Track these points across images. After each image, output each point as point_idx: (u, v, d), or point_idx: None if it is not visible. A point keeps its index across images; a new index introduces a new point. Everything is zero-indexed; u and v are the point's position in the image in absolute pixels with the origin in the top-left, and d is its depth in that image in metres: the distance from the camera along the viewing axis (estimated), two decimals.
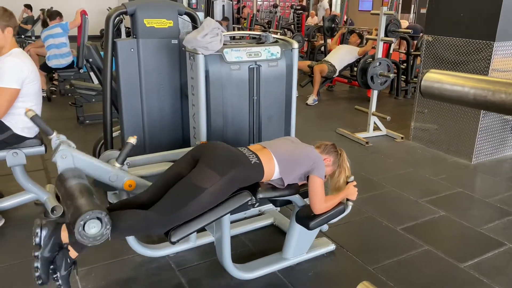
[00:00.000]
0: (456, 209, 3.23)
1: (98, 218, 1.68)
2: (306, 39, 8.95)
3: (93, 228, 1.68)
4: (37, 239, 1.82)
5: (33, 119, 2.10)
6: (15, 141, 2.74)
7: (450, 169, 4.06)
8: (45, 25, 7.82)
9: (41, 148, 2.87)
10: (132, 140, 2.16)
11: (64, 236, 1.87)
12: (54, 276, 1.89)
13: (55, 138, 2.09)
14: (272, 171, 2.18)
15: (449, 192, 3.55)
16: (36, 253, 1.82)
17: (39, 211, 3.00)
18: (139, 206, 2.02)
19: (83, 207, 1.69)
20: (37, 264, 1.81)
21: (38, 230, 1.83)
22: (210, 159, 2.03)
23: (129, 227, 1.92)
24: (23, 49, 8.72)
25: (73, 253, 1.92)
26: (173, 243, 1.95)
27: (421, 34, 7.27)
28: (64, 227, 1.88)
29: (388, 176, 3.84)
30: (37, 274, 1.81)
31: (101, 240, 1.72)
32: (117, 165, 2.16)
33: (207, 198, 1.95)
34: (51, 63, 6.08)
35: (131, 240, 2.36)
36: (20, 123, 2.73)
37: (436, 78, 1.13)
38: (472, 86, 1.00)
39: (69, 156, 2.02)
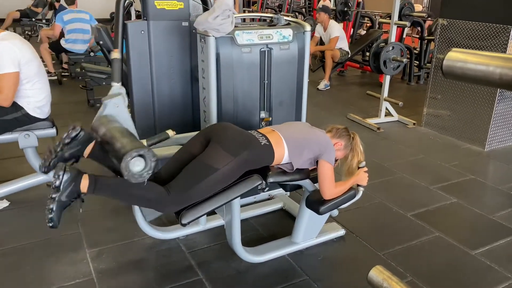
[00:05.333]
0: (468, 196, 3.20)
1: (142, 156, 1.71)
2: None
3: (138, 166, 1.72)
4: (58, 182, 1.76)
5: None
6: (27, 120, 2.76)
7: (462, 155, 4.01)
8: (51, 8, 7.83)
9: (52, 130, 2.89)
10: (171, 133, 2.22)
11: (84, 185, 1.81)
12: (53, 196, 1.77)
13: (118, 86, 2.13)
14: (282, 154, 2.16)
15: (461, 179, 3.51)
16: (54, 195, 1.76)
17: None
18: None
19: (129, 145, 1.72)
20: (53, 206, 1.76)
21: (61, 173, 1.77)
22: (223, 139, 2.03)
23: (144, 197, 1.93)
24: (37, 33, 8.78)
25: (84, 185, 1.80)
26: (184, 225, 1.97)
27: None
28: (85, 176, 1.82)
29: (399, 162, 3.80)
30: (50, 216, 1.77)
31: (150, 173, 1.75)
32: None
33: (219, 178, 1.97)
34: (73, 47, 6.10)
35: (142, 222, 2.38)
36: (32, 104, 2.74)
37: (459, 57, 1.09)
38: (498, 65, 0.97)
39: (120, 108, 2.07)
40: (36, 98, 2.75)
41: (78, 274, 2.26)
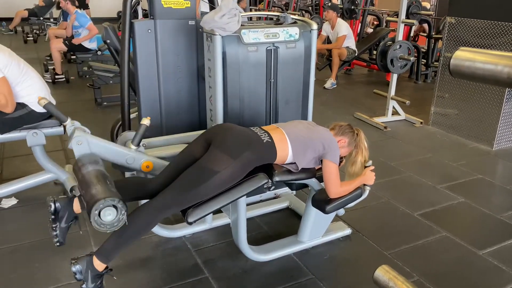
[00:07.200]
0: (476, 196, 3.18)
1: (114, 206, 1.70)
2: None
3: (109, 215, 1.70)
4: (78, 276, 1.88)
5: (46, 107, 2.11)
6: (33, 117, 2.77)
7: (470, 155, 3.98)
8: (60, 7, 7.90)
9: (60, 129, 2.91)
10: (146, 121, 2.17)
11: (98, 265, 1.90)
12: (54, 225, 1.95)
13: (70, 124, 2.10)
14: (286, 152, 2.14)
15: (469, 179, 3.48)
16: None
17: (58, 190, 3.05)
18: (151, 190, 2.05)
19: (98, 195, 1.70)
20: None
21: (74, 269, 1.87)
22: (223, 142, 2.02)
23: (146, 223, 1.93)
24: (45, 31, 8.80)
25: (98, 265, 1.89)
26: (190, 223, 1.97)
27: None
28: (95, 258, 1.90)
29: (406, 162, 3.78)
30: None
31: (118, 225, 1.74)
32: (133, 147, 2.17)
33: (221, 180, 1.96)
34: (94, 45, 6.21)
35: None
36: (31, 100, 2.74)
37: (467, 57, 1.07)
38: (506, 64, 0.95)
39: (84, 142, 2.04)
40: (32, 95, 2.74)
41: None
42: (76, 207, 1.99)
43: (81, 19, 6.15)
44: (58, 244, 1.98)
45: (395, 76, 4.91)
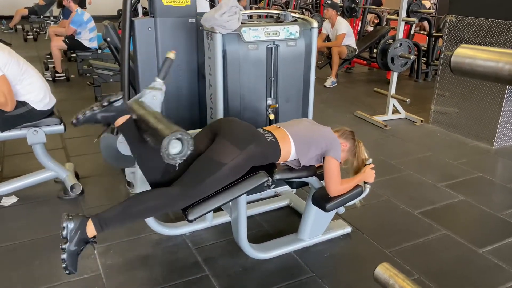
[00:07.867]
0: (476, 194, 3.18)
1: (181, 140, 1.74)
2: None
3: (175, 148, 1.74)
4: (64, 232, 1.80)
5: (166, 60, 2.18)
6: (34, 115, 2.77)
7: (470, 153, 3.98)
8: (60, 5, 7.88)
9: (61, 127, 2.91)
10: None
11: (90, 230, 1.83)
12: (63, 247, 1.81)
13: (160, 83, 2.15)
14: (289, 151, 2.16)
15: (469, 177, 3.48)
16: (63, 246, 1.80)
17: (59, 188, 3.05)
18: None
19: (172, 127, 1.75)
20: (64, 256, 1.80)
21: (65, 224, 1.81)
22: (229, 133, 2.04)
23: (151, 207, 1.92)
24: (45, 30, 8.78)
25: (91, 231, 1.83)
26: (190, 221, 1.97)
27: None
28: (89, 221, 1.83)
29: (406, 160, 3.78)
30: (63, 265, 1.81)
31: (182, 158, 1.76)
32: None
33: (227, 172, 1.97)
34: (95, 44, 6.20)
35: (149, 219, 2.39)
36: (31, 99, 2.74)
37: (468, 54, 1.07)
38: (507, 61, 0.95)
39: (157, 102, 2.11)
40: (32, 93, 2.74)
41: (86, 269, 2.28)
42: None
43: (75, 18, 6.14)
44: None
45: (395, 75, 4.90)
